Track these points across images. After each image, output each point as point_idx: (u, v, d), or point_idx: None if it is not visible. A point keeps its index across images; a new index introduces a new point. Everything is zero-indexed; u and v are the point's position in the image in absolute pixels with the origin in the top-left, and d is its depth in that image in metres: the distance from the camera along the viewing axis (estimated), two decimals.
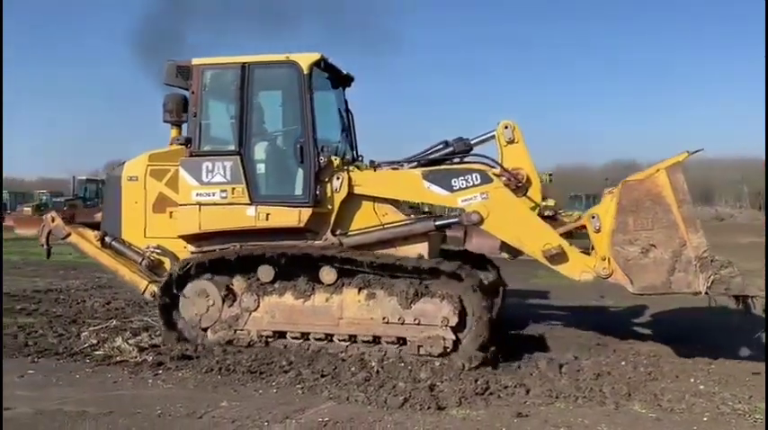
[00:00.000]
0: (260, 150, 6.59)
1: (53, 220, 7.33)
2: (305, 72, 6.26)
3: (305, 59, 6.29)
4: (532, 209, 6.24)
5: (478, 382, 5.22)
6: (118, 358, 5.95)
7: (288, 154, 6.49)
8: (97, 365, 5.79)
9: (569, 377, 5.56)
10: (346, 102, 7.44)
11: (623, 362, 6.13)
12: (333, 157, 6.39)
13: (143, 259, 6.79)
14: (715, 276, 5.27)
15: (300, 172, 6.34)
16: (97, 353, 6.14)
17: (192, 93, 6.58)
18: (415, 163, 6.57)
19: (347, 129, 7.40)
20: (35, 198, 42.08)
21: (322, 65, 6.46)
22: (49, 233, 7.30)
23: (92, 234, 7.18)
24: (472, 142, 6.53)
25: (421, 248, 6.29)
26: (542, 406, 4.80)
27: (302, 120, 6.33)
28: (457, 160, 6.56)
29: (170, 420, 4.39)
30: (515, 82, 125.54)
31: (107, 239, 7.01)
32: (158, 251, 6.82)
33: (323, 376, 5.41)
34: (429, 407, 4.64)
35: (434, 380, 5.32)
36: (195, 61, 6.60)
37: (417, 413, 4.56)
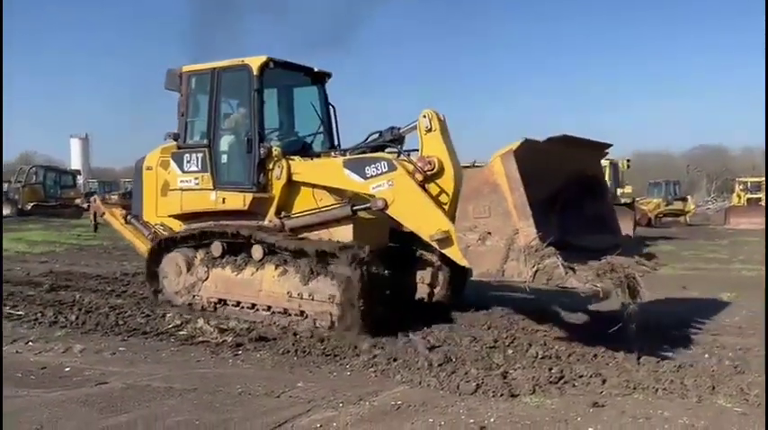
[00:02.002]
0: (223, 143, 7.59)
1: (95, 202, 9.70)
2: (255, 73, 7.11)
3: (254, 62, 7.15)
4: (442, 195, 6.38)
5: (553, 371, 5.14)
6: (200, 338, 6.23)
7: (242, 146, 7.34)
8: (181, 345, 6.08)
9: (648, 368, 5.36)
10: (326, 96, 8.20)
11: (707, 355, 5.88)
12: (274, 148, 7.18)
13: (150, 234, 8.31)
14: (538, 266, 4.98)
15: (248, 161, 7.21)
16: (181, 333, 6.44)
17: (182, 95, 7.72)
18: (358, 151, 7.18)
19: (326, 122, 8.15)
20: (121, 187, 44.41)
21: (271, 65, 7.21)
22: (95, 212, 9.52)
23: (119, 213, 8.95)
24: (401, 131, 6.95)
25: (346, 231, 6.92)
26: (619, 396, 4.68)
27: (250, 116, 7.20)
28: (392, 149, 7.03)
29: (250, 398, 4.57)
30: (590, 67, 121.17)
31: (128, 218, 8.70)
32: (162, 228, 8.20)
33: (395, 360, 5.48)
34: (502, 394, 4.61)
35: (507, 368, 5.29)
36: (184, 68, 7.73)
37: (490, 399, 4.54)
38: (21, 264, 11.65)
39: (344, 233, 6.90)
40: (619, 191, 22.94)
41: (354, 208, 6.83)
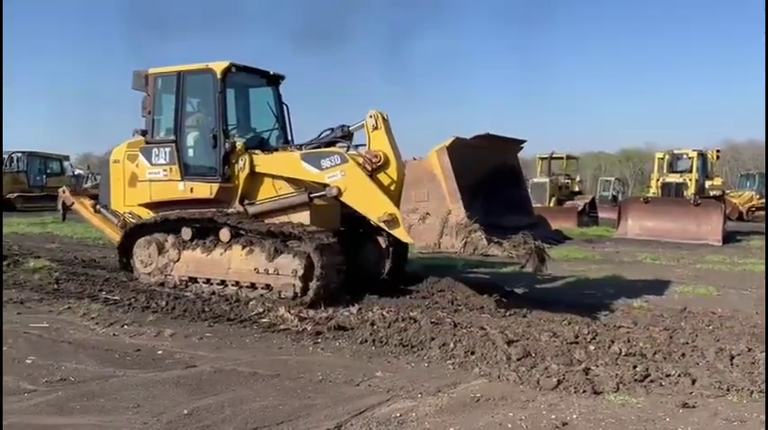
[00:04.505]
0: (189, 138, 8.36)
1: (64, 192, 10.10)
2: (218, 77, 7.93)
3: (218, 66, 7.97)
4: (390, 184, 7.28)
5: (637, 369, 4.98)
6: (281, 326, 6.40)
7: (207, 141, 8.11)
8: (264, 332, 6.26)
9: (743, 370, 5.10)
10: (280, 96, 9.03)
11: None
12: (237, 143, 7.97)
13: (119, 221, 8.94)
14: (467, 239, 6.09)
15: (213, 155, 8.02)
16: (263, 320, 6.63)
17: (148, 95, 8.47)
18: (313, 145, 7.97)
19: (280, 119, 8.98)
20: None
21: (233, 69, 8.04)
22: (63, 202, 9.95)
23: (89, 203, 9.58)
24: (351, 128, 7.77)
25: (303, 216, 7.74)
26: (711, 397, 4.48)
27: (215, 114, 7.99)
28: (343, 144, 7.80)
29: (330, 385, 4.67)
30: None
31: (97, 207, 9.35)
32: (131, 216, 8.83)
33: (473, 353, 5.45)
34: (584, 391, 4.50)
35: (589, 364, 5.16)
36: (150, 71, 8.50)
37: (572, 396, 4.45)
38: (115, 251, 12.29)
39: (302, 218, 7.72)
40: (707, 183, 21.49)
41: (311, 195, 7.67)
